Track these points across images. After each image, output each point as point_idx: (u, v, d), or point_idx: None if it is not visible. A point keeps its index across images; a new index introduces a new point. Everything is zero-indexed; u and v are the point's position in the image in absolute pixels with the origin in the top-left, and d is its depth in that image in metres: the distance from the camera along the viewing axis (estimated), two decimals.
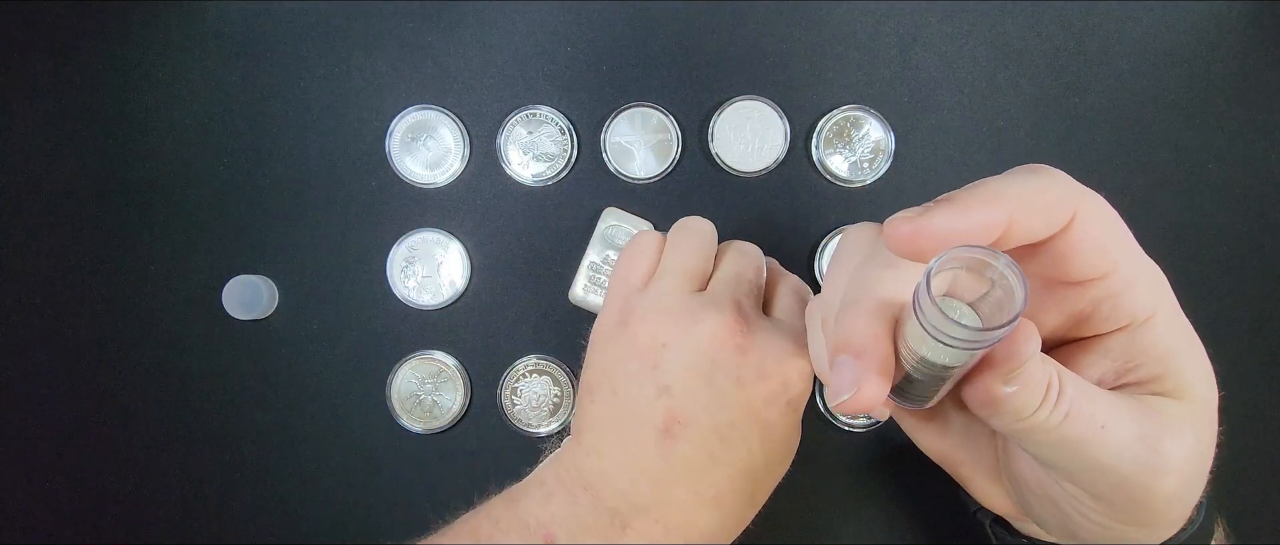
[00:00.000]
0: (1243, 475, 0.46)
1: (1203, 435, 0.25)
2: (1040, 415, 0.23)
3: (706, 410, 0.33)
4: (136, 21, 0.46)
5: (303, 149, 0.46)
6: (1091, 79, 0.45)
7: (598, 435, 0.34)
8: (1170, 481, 0.24)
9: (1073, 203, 0.24)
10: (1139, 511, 0.25)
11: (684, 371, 0.33)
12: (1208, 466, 0.26)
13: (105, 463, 0.47)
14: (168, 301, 0.46)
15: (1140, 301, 0.25)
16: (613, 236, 0.45)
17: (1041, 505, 0.29)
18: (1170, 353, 0.25)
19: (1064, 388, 0.24)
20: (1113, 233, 0.25)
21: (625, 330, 0.35)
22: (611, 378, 0.35)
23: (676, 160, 0.45)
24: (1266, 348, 0.46)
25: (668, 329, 0.34)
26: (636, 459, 0.33)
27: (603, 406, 0.35)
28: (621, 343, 0.35)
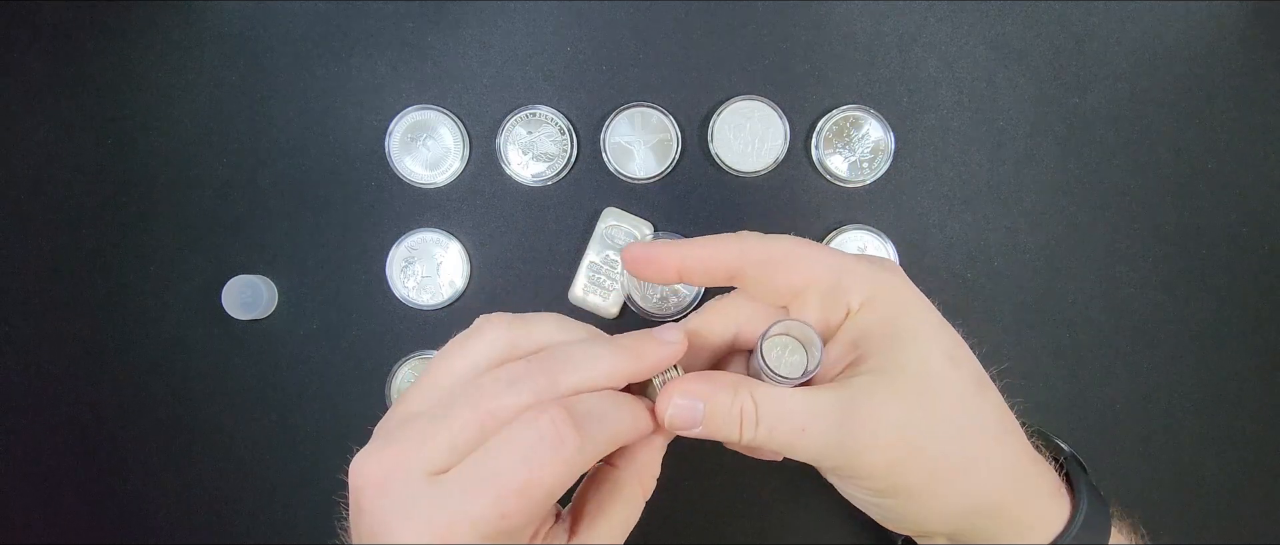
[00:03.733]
0: (1243, 475, 0.46)
1: (906, 404, 0.28)
2: (747, 436, 0.29)
3: None
4: (136, 21, 0.46)
5: (303, 149, 0.46)
6: (1091, 79, 0.45)
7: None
8: (879, 453, 0.28)
9: (736, 247, 0.30)
10: (877, 485, 0.30)
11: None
12: (936, 432, 0.28)
13: (105, 463, 0.47)
14: (168, 301, 0.46)
15: (850, 293, 0.29)
16: (613, 236, 0.45)
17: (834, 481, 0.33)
18: (877, 336, 0.29)
19: (759, 410, 0.28)
20: (790, 257, 0.30)
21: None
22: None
23: (676, 160, 0.45)
24: (1266, 348, 0.46)
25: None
26: None
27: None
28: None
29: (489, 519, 0.25)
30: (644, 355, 0.29)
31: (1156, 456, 0.46)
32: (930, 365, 0.29)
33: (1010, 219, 0.46)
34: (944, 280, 0.46)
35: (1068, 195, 0.46)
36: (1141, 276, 0.46)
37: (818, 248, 0.30)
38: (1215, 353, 0.46)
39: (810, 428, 0.28)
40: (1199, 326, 0.46)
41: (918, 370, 0.29)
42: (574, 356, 0.28)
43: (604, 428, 0.27)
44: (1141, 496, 0.47)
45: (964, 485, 0.29)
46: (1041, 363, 0.46)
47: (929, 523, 0.31)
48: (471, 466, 0.26)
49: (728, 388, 0.29)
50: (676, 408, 0.29)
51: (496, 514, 0.25)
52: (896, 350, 0.29)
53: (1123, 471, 0.47)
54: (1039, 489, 0.31)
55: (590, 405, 0.27)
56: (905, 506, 0.30)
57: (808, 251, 0.30)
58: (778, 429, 0.28)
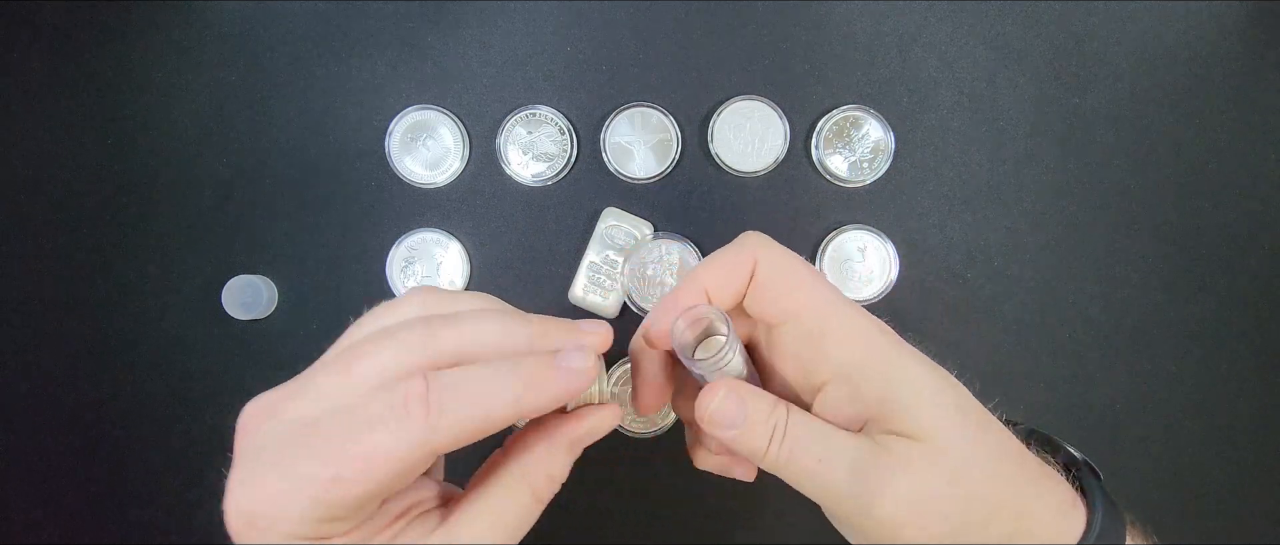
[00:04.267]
0: (1243, 475, 0.46)
1: (928, 472, 0.27)
2: (770, 453, 0.28)
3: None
4: (136, 21, 0.46)
5: (303, 149, 0.46)
6: (1091, 79, 0.45)
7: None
8: (885, 508, 0.27)
9: (751, 259, 0.29)
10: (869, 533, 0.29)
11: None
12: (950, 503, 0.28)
13: (105, 463, 0.47)
14: (168, 301, 0.46)
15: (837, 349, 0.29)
16: (613, 236, 0.45)
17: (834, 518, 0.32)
18: (880, 400, 0.28)
19: (790, 431, 0.28)
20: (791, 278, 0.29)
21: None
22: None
23: (676, 160, 0.45)
24: (1266, 348, 0.46)
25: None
26: None
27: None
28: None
29: (320, 481, 0.23)
30: (548, 335, 0.27)
31: (1156, 456, 0.46)
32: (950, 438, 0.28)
33: (1010, 219, 0.46)
34: (944, 280, 0.46)
35: (1068, 195, 0.46)
36: (1141, 276, 0.46)
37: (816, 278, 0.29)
38: (1215, 353, 0.46)
39: (826, 460, 0.28)
40: (1199, 326, 0.46)
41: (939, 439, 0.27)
42: (470, 318, 0.27)
43: (464, 406, 0.24)
44: (1141, 496, 0.47)
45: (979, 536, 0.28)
46: (1041, 363, 0.46)
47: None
48: (324, 423, 0.24)
49: (768, 399, 0.28)
50: (721, 405, 0.28)
51: (329, 477, 0.23)
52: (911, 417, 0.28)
53: (1123, 471, 0.47)
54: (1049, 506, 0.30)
55: (458, 378, 0.25)
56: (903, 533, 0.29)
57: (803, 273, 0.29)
58: (797, 454, 0.28)
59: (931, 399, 0.28)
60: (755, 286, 0.29)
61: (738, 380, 0.29)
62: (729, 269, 0.29)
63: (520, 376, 0.25)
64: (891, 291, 0.46)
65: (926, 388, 0.28)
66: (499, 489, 0.28)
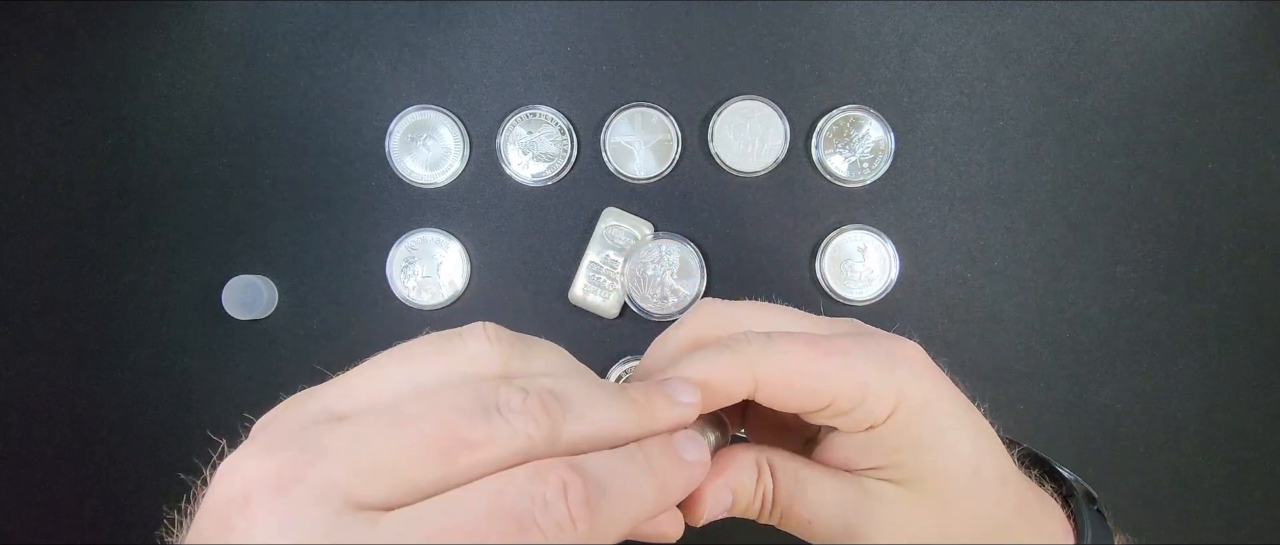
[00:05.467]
0: (1243, 475, 0.46)
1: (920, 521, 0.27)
2: (762, 519, 0.28)
3: None
4: (136, 21, 0.46)
5: (303, 149, 0.46)
6: (1091, 79, 0.45)
7: None
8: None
9: (748, 375, 0.25)
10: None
11: None
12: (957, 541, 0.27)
13: (105, 463, 0.47)
14: (168, 301, 0.46)
15: (871, 411, 0.26)
16: (613, 236, 0.45)
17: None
18: (900, 447, 0.27)
19: (778, 495, 0.27)
20: (811, 379, 0.25)
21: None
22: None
23: (676, 160, 0.45)
24: (1266, 348, 0.46)
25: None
26: None
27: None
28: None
29: None
30: (656, 415, 0.23)
31: (1156, 456, 0.46)
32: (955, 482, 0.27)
33: (1010, 219, 0.46)
34: (944, 280, 0.46)
35: (1068, 195, 0.46)
36: (1141, 276, 0.46)
37: (837, 358, 0.26)
38: (1215, 353, 0.46)
39: (816, 521, 0.27)
40: (1199, 327, 0.46)
41: (942, 488, 0.27)
42: (581, 396, 0.21)
43: (623, 507, 0.20)
44: (1142, 497, 0.47)
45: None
46: (1041, 363, 0.46)
47: None
48: (426, 515, 0.18)
49: (750, 469, 0.27)
50: (712, 503, 0.26)
51: None
52: (918, 464, 0.26)
53: (1123, 472, 0.47)
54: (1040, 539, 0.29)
55: (606, 471, 0.20)
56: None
57: (827, 368, 0.26)
58: (787, 516, 0.27)
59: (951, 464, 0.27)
60: (770, 397, 0.26)
61: (721, 459, 0.27)
62: (724, 388, 0.25)
63: (659, 472, 0.21)
64: (891, 291, 0.46)
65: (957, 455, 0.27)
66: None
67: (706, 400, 0.25)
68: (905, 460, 0.26)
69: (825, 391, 0.26)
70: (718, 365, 0.25)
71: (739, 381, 0.25)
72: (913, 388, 0.26)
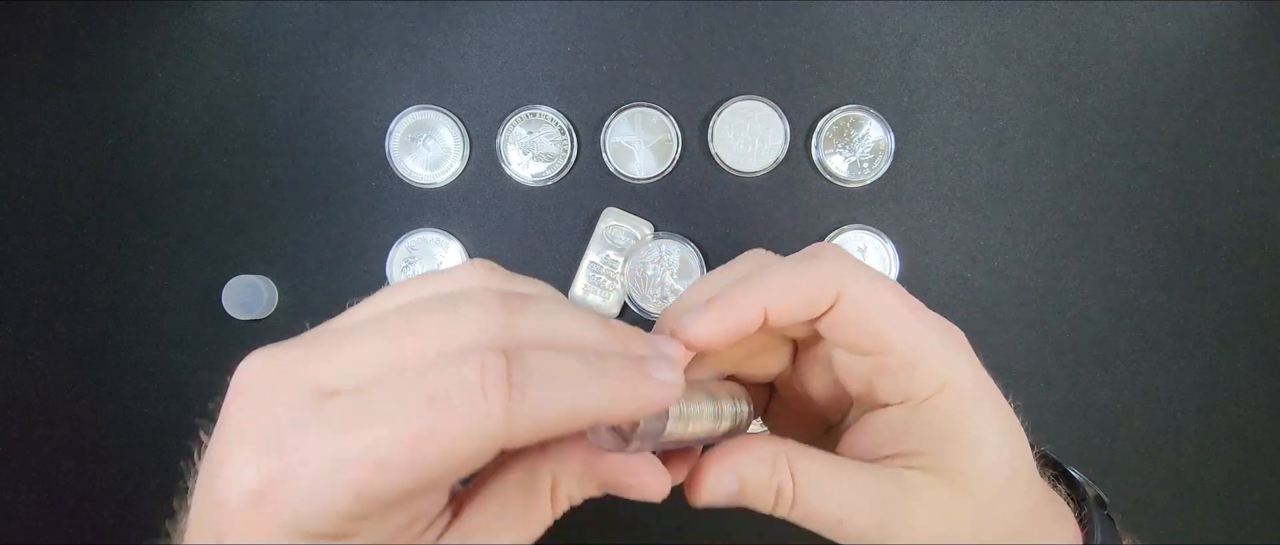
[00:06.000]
0: (1243, 475, 0.46)
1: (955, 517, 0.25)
2: (779, 513, 0.26)
3: None
4: (136, 21, 0.46)
5: (303, 149, 0.46)
6: (1091, 79, 0.45)
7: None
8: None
9: (835, 286, 0.25)
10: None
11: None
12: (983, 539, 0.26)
13: (105, 463, 0.47)
14: (168, 301, 0.46)
15: (919, 382, 0.26)
16: (613, 236, 0.45)
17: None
18: (942, 435, 0.26)
19: (798, 491, 0.25)
20: (886, 316, 0.25)
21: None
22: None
23: (676, 160, 0.45)
24: (1266, 348, 0.46)
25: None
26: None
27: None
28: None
29: (362, 465, 0.19)
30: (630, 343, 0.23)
31: (1157, 456, 0.46)
32: (994, 481, 0.26)
33: (1010, 219, 0.46)
34: (944, 280, 0.46)
35: (1068, 195, 0.46)
36: (1141, 276, 0.46)
37: (913, 310, 0.26)
38: (1215, 353, 0.46)
39: (847, 521, 0.25)
40: (1199, 326, 0.46)
41: (979, 486, 0.26)
42: (549, 305, 0.22)
43: (552, 395, 0.20)
44: (1142, 497, 0.47)
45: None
46: (1042, 363, 0.46)
47: None
48: (363, 397, 0.19)
49: (765, 462, 0.25)
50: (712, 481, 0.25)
51: (371, 461, 0.19)
52: (958, 456, 0.26)
53: (1124, 471, 0.47)
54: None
55: (544, 361, 0.20)
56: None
57: (904, 316, 0.25)
58: (814, 515, 0.26)
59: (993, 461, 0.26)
60: (842, 317, 0.25)
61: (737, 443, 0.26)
62: (804, 295, 0.25)
63: (607, 374, 0.21)
64: None
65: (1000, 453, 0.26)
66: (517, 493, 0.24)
67: (787, 310, 0.25)
68: (946, 451, 0.26)
69: (891, 336, 0.25)
70: (805, 271, 0.25)
71: (824, 291, 0.25)
72: (963, 373, 0.26)
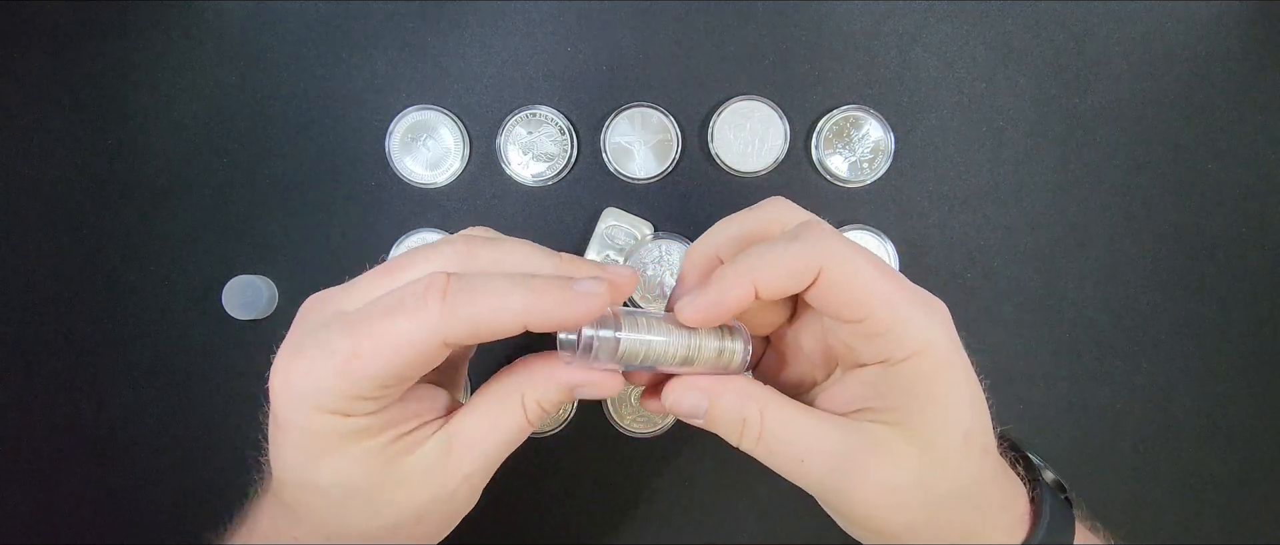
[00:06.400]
0: (1243, 475, 0.46)
1: (910, 465, 0.28)
2: (745, 445, 0.29)
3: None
4: (136, 21, 0.46)
5: (303, 149, 0.46)
6: (1091, 79, 0.45)
7: None
8: (862, 501, 0.29)
9: (816, 263, 0.28)
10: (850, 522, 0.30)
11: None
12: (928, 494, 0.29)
13: (105, 463, 0.47)
14: (168, 301, 0.46)
15: (898, 345, 0.28)
16: (613, 236, 0.45)
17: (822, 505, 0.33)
18: (911, 391, 0.28)
19: (766, 426, 0.29)
20: (864, 287, 0.28)
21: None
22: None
23: (676, 160, 0.45)
24: (1266, 348, 0.46)
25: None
26: None
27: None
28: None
29: (343, 354, 0.26)
30: (552, 297, 0.27)
31: (1157, 456, 0.47)
32: (947, 438, 0.29)
33: (1010, 219, 0.46)
34: (944, 280, 0.46)
35: (1068, 195, 0.46)
36: (1141, 276, 0.46)
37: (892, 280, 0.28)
38: (1215, 353, 0.46)
39: (809, 461, 0.29)
40: (1199, 326, 0.46)
41: (932, 436, 0.29)
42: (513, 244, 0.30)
43: (477, 303, 0.26)
44: (1142, 496, 0.47)
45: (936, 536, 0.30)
46: (1041, 363, 0.46)
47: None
48: (361, 312, 0.27)
49: (737, 393, 0.29)
50: (679, 395, 0.29)
51: (350, 350, 0.26)
52: (919, 412, 0.28)
53: (1123, 471, 0.47)
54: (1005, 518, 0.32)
55: (475, 279, 0.27)
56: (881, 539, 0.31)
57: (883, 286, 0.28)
58: (777, 452, 0.29)
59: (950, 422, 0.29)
60: (823, 289, 0.28)
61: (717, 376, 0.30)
62: (789, 272, 0.28)
63: (533, 286, 0.27)
64: None
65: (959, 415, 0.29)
66: (491, 404, 0.30)
67: (774, 287, 0.28)
68: (909, 405, 0.28)
69: (870, 303, 0.28)
70: (789, 251, 0.28)
71: (807, 267, 0.28)
72: (939, 340, 0.28)
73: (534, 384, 0.30)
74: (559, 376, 0.30)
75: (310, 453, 0.28)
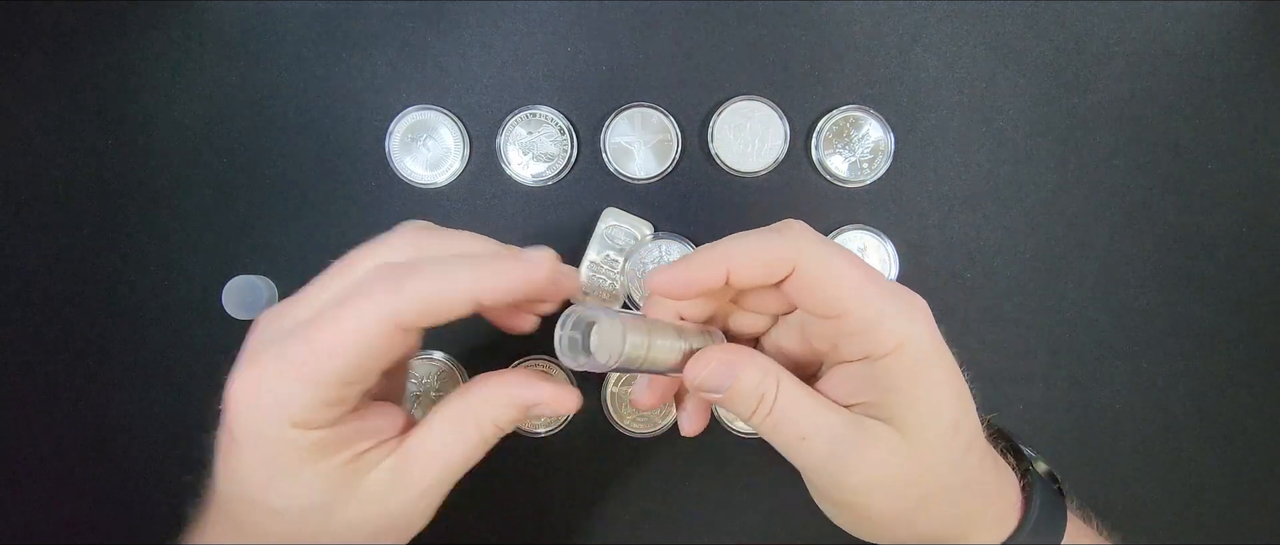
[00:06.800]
0: (1243, 475, 0.46)
1: (899, 460, 0.29)
2: (756, 420, 0.30)
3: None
4: (136, 21, 0.46)
5: (303, 149, 0.46)
6: (1091, 79, 0.45)
7: None
8: (853, 488, 0.30)
9: (792, 258, 0.29)
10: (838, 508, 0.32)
11: None
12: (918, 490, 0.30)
13: (105, 463, 0.47)
14: (168, 301, 0.46)
15: (877, 341, 0.29)
16: (613, 236, 0.45)
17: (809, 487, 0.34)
18: (894, 387, 0.29)
19: (778, 401, 0.30)
20: (839, 284, 0.29)
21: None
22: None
23: (676, 160, 0.45)
24: (1266, 348, 0.46)
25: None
26: None
27: None
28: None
29: (303, 360, 0.27)
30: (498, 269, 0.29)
31: (1156, 456, 0.46)
32: (934, 431, 0.30)
33: (1010, 219, 0.46)
34: (944, 280, 0.46)
35: (1068, 195, 0.46)
36: (1141, 276, 0.46)
37: (869, 280, 0.29)
38: (1215, 353, 0.46)
39: (810, 441, 0.30)
40: (1199, 326, 0.46)
41: (920, 432, 0.29)
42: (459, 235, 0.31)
43: (427, 283, 0.27)
44: (1142, 496, 0.47)
45: (926, 526, 0.31)
46: (1041, 363, 0.46)
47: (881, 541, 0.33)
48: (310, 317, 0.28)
49: (760, 370, 0.30)
50: (713, 369, 0.30)
51: (308, 352, 0.27)
52: (905, 407, 0.29)
53: (1123, 471, 0.47)
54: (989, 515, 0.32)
55: (427, 264, 0.28)
56: (867, 529, 0.32)
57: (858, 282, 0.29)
58: (783, 427, 0.30)
59: (936, 414, 0.29)
60: (800, 284, 0.29)
61: (738, 347, 0.30)
62: (763, 262, 0.29)
63: (479, 262, 0.28)
64: None
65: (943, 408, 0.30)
66: (447, 424, 0.30)
67: (747, 274, 0.29)
68: (896, 401, 0.29)
69: (847, 300, 0.29)
70: (766, 242, 0.29)
71: (781, 260, 0.29)
72: (919, 335, 0.29)
73: (490, 403, 0.31)
74: (514, 395, 0.31)
75: (267, 472, 0.28)
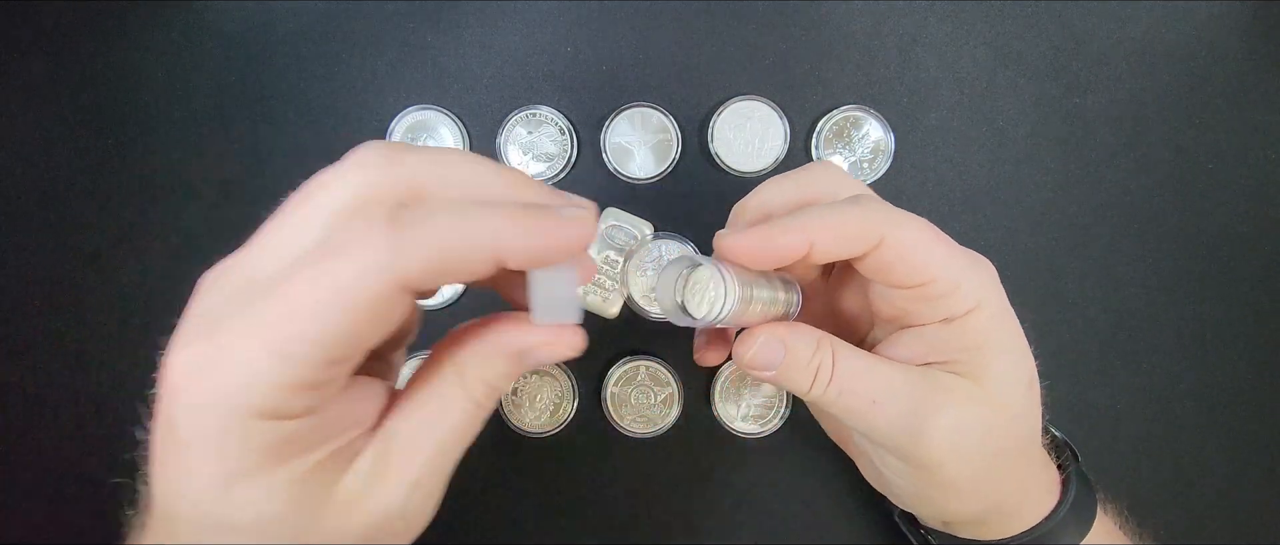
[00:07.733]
0: (1243, 474, 0.46)
1: (981, 411, 0.29)
2: (815, 392, 0.29)
3: None
4: (136, 21, 0.46)
5: (303, 149, 0.46)
6: (1091, 79, 0.45)
7: None
8: (935, 444, 0.28)
9: (877, 232, 0.28)
10: (923, 473, 0.30)
11: None
12: (997, 443, 0.29)
13: (106, 463, 0.47)
14: (168, 301, 0.46)
15: (957, 303, 0.29)
16: (613, 236, 0.45)
17: (869, 467, 0.34)
18: (975, 345, 0.29)
19: (837, 370, 0.28)
20: (926, 253, 0.28)
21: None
22: None
23: (676, 160, 0.45)
24: (1266, 348, 0.46)
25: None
26: None
27: None
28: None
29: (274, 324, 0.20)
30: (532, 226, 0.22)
31: (1156, 456, 0.46)
32: (1013, 384, 0.30)
33: (1010, 219, 0.46)
34: None
35: (1068, 195, 0.46)
36: (1141, 277, 0.46)
37: (948, 245, 0.29)
38: (1215, 353, 0.46)
39: (882, 402, 0.28)
40: (1199, 326, 0.46)
41: (1000, 385, 0.29)
42: (442, 152, 0.23)
43: (437, 229, 0.20)
44: (1142, 496, 0.47)
45: (996, 494, 0.31)
46: (1041, 363, 0.46)
47: (949, 512, 0.32)
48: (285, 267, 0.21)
49: (810, 340, 0.29)
50: (761, 346, 0.28)
51: (282, 317, 0.20)
52: (986, 360, 0.29)
53: (1123, 471, 0.47)
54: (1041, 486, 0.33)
55: (428, 207, 0.21)
56: (940, 496, 0.31)
57: (941, 252, 0.28)
58: (848, 394, 0.29)
59: (1015, 367, 0.30)
60: (883, 259, 0.28)
61: (786, 322, 0.29)
62: (850, 238, 0.28)
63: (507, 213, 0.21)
64: None
65: (1021, 362, 0.30)
66: (430, 389, 0.24)
67: (830, 249, 0.27)
68: (977, 358, 0.29)
69: (930, 270, 0.28)
70: (850, 216, 0.27)
71: (868, 236, 0.27)
72: (993, 297, 0.29)
73: (475, 358, 0.24)
74: (504, 343, 0.24)
75: (222, 477, 0.21)
